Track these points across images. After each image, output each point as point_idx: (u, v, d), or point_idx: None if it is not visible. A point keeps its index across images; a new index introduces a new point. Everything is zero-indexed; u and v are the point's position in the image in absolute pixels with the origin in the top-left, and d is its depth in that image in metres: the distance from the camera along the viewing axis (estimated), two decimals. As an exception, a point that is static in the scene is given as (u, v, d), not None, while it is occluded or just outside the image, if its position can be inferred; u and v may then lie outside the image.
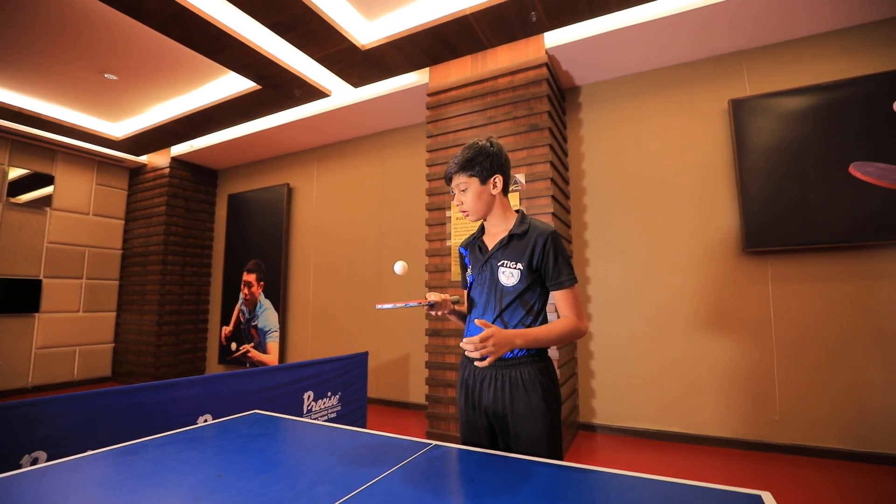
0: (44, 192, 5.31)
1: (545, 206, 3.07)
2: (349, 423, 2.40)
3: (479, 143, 1.29)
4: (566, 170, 3.68)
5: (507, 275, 1.24)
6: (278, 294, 5.28)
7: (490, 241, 1.33)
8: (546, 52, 3.22)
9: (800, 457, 2.80)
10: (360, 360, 3.30)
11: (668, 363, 3.23)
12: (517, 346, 1.12)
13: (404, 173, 4.58)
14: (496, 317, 1.25)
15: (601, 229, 3.56)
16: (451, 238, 3.41)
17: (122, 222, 6.14)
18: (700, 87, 3.33)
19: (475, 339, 1.03)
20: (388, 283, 4.52)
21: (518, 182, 3.18)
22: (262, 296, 5.42)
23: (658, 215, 3.37)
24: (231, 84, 4.22)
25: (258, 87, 4.02)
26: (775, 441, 2.90)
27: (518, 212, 1.33)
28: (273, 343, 5.26)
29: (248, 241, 5.65)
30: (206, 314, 6.09)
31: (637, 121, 3.52)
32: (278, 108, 4.47)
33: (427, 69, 3.72)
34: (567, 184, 3.67)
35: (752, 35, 3.06)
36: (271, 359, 5.24)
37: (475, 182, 1.28)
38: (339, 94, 4.20)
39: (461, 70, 3.54)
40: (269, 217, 5.49)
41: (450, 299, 1.31)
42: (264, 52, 3.45)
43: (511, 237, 1.27)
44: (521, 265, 1.23)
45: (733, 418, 3.02)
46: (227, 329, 5.70)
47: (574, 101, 3.79)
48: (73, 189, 5.62)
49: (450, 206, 3.46)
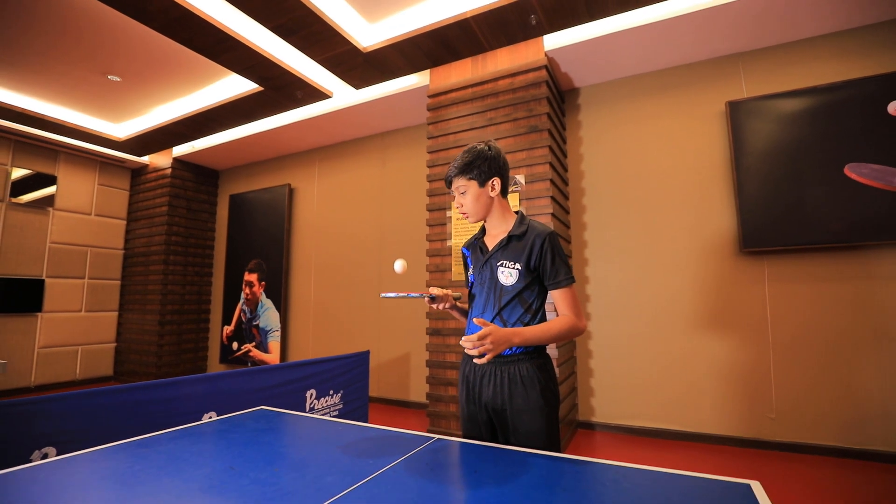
0: (46, 192, 5.34)
1: (545, 207, 3.11)
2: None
3: (477, 147, 1.34)
4: (565, 171, 3.72)
5: (506, 274, 1.28)
6: (280, 294, 5.32)
7: (490, 241, 1.37)
8: (545, 55, 3.26)
9: (796, 454, 2.84)
10: (362, 358, 3.34)
11: (666, 362, 3.27)
12: (514, 343, 1.16)
13: (405, 174, 4.62)
14: (495, 315, 1.29)
15: (600, 230, 3.60)
16: (451, 238, 3.45)
17: (124, 222, 6.18)
18: (698, 89, 3.37)
19: (473, 337, 1.08)
20: (389, 283, 4.55)
21: (518, 183, 3.22)
22: (264, 295, 5.45)
23: (656, 216, 3.41)
24: (233, 85, 4.25)
25: (260, 88, 4.06)
26: (772, 439, 2.94)
27: (517, 213, 1.37)
28: (274, 342, 5.30)
29: (249, 241, 5.69)
30: (207, 314, 6.12)
31: (635, 122, 3.56)
32: (280, 110, 4.51)
33: (428, 71, 3.76)
34: (566, 185, 3.71)
35: (750, 37, 3.10)
36: (273, 358, 5.28)
37: (474, 185, 1.33)
38: (341, 95, 4.24)
39: (461, 72, 3.57)
40: (271, 217, 5.52)
41: (451, 294, 1.35)
42: (267, 55, 3.49)
43: (510, 238, 1.31)
44: (519, 265, 1.27)
45: (730, 416, 3.06)
46: (228, 329, 5.74)
47: (573, 102, 3.83)
48: (75, 189, 5.65)
49: (450, 206, 3.50)
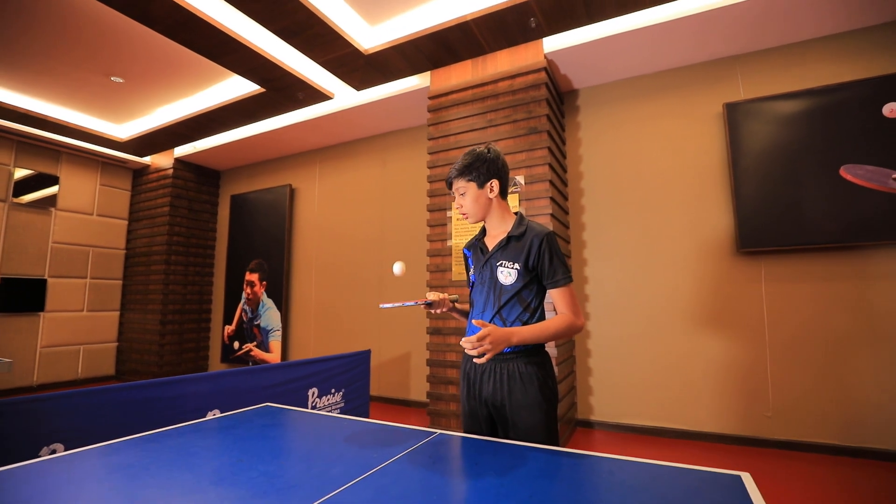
0: (49, 192, 5.37)
1: (544, 208, 3.14)
2: (353, 419, 2.47)
3: (476, 149, 1.38)
4: (564, 172, 3.75)
5: (506, 274, 1.32)
6: (281, 293, 5.35)
7: (491, 242, 1.41)
8: (545, 57, 3.29)
9: (792, 451, 2.88)
10: (363, 357, 3.37)
11: (664, 361, 3.30)
12: (513, 343, 1.20)
13: (405, 174, 4.65)
14: (495, 313, 1.32)
15: (599, 230, 3.64)
16: (452, 238, 3.48)
17: (126, 222, 6.21)
18: (695, 91, 3.40)
19: (473, 338, 1.12)
20: (390, 283, 4.59)
21: (517, 184, 3.25)
22: (265, 295, 5.49)
23: (654, 216, 3.44)
24: (235, 87, 4.28)
25: (262, 89, 4.09)
26: (768, 437, 2.97)
27: (517, 214, 1.41)
28: (275, 342, 5.33)
29: (250, 241, 5.72)
30: (208, 313, 6.16)
31: (634, 123, 3.59)
32: (281, 111, 4.54)
33: (428, 73, 3.79)
34: (565, 185, 3.74)
35: (747, 40, 3.13)
36: (274, 357, 5.31)
37: (473, 186, 1.37)
38: (342, 96, 4.27)
39: (462, 74, 3.61)
40: (272, 217, 5.56)
41: (448, 298, 1.38)
42: (269, 56, 3.52)
43: (509, 239, 1.35)
44: (518, 265, 1.30)
45: (728, 415, 3.09)
46: (229, 328, 5.77)
47: (572, 104, 3.86)
48: (77, 190, 5.68)
49: (450, 206, 3.53)
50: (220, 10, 3.12)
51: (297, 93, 4.11)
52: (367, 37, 3.45)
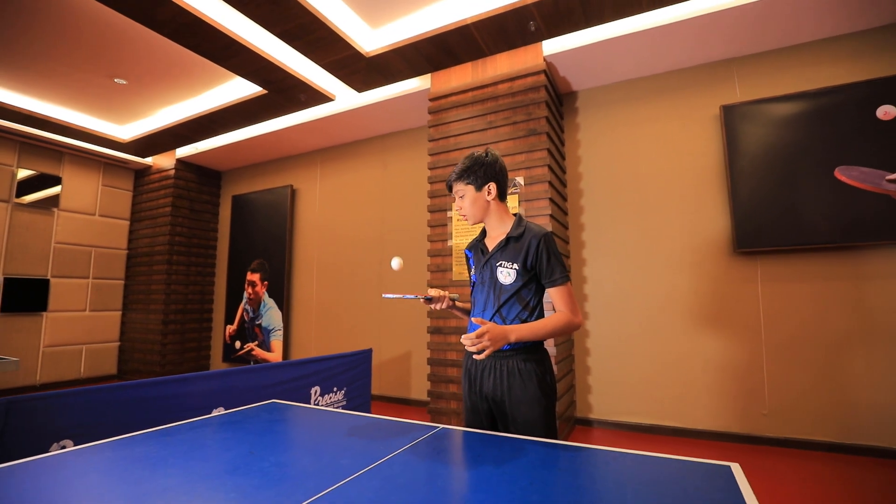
0: (51, 192, 5.40)
1: (543, 209, 3.18)
2: (356, 416, 2.52)
3: (475, 153, 1.44)
4: (563, 173, 3.79)
5: (505, 274, 1.36)
6: (282, 293, 5.39)
7: (491, 243, 1.46)
8: (544, 60, 3.34)
9: (788, 449, 2.92)
10: (365, 356, 3.42)
11: (662, 360, 3.34)
12: (510, 340, 1.25)
13: (406, 175, 4.70)
14: (495, 312, 1.37)
15: (597, 230, 3.68)
16: (452, 238, 3.52)
17: (128, 223, 6.24)
18: (693, 93, 3.45)
19: (472, 335, 1.17)
20: (390, 283, 4.63)
21: (517, 184, 3.29)
22: (266, 295, 5.53)
23: (652, 216, 3.49)
24: (237, 88, 4.33)
25: (264, 91, 4.13)
26: (765, 434, 3.02)
27: (515, 215, 1.46)
28: (277, 341, 5.37)
29: (251, 241, 5.76)
30: (210, 313, 6.20)
31: (632, 125, 3.64)
32: (283, 112, 4.58)
33: (429, 75, 3.83)
34: (564, 186, 3.79)
35: (743, 43, 3.18)
36: (275, 357, 5.35)
37: (471, 189, 1.43)
38: (343, 98, 4.31)
39: (462, 76, 3.65)
40: (273, 218, 5.60)
41: (448, 295, 1.43)
42: (271, 59, 3.56)
43: (508, 240, 1.40)
44: (517, 265, 1.35)
45: (724, 413, 3.14)
46: (231, 328, 5.81)
47: (571, 105, 3.91)
48: (79, 190, 5.72)
49: (450, 207, 3.57)
50: (225, 14, 3.16)
51: (299, 94, 4.15)
52: (369, 40, 3.49)
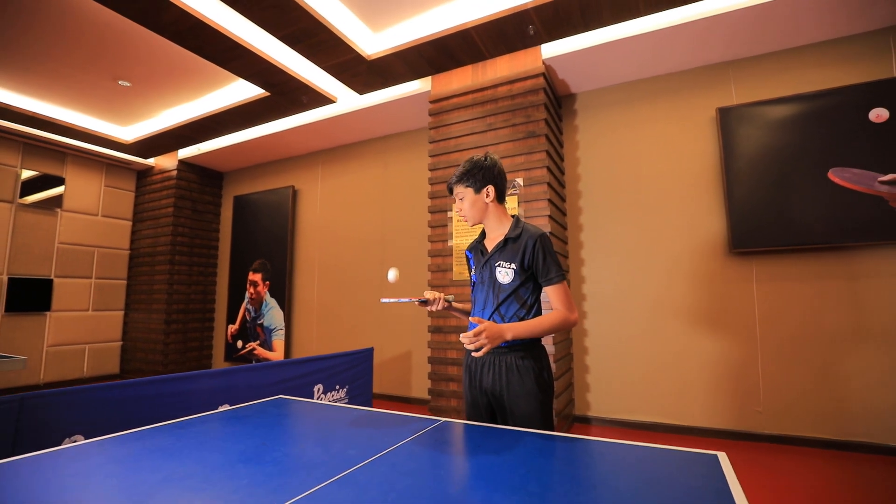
0: (54, 192, 5.44)
1: (542, 209, 3.24)
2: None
3: (475, 158, 1.51)
4: (562, 174, 3.85)
5: (504, 274, 1.42)
6: (283, 293, 5.44)
7: (490, 244, 1.53)
8: (543, 63, 3.39)
9: (782, 445, 2.98)
10: (366, 355, 3.47)
11: (659, 358, 3.40)
12: (507, 338, 1.31)
13: (406, 176, 4.75)
14: (494, 310, 1.43)
15: (596, 231, 3.73)
16: (452, 238, 3.57)
17: (130, 223, 6.29)
18: (689, 96, 3.50)
19: (470, 333, 1.23)
20: (391, 286, 4.67)
21: (517, 185, 3.35)
22: (268, 295, 5.57)
23: (650, 217, 3.54)
24: (240, 90, 4.37)
25: (266, 93, 4.18)
26: (759, 431, 3.07)
27: (513, 217, 1.51)
28: (279, 341, 5.42)
29: (253, 241, 5.81)
30: (212, 313, 6.24)
31: (630, 127, 3.69)
32: (285, 114, 4.63)
33: (429, 77, 3.88)
34: (563, 187, 3.84)
35: (740, 47, 3.23)
36: (277, 356, 5.40)
37: (470, 192, 1.49)
38: (345, 100, 4.36)
39: (462, 79, 3.70)
40: (275, 218, 5.64)
41: (443, 297, 1.48)
42: (274, 62, 3.61)
43: (506, 241, 1.46)
44: (514, 265, 1.41)
45: (721, 410, 3.19)
46: (233, 327, 5.86)
47: (570, 107, 3.96)
48: (82, 191, 5.76)
49: (451, 207, 3.62)
50: (228, 18, 3.21)
51: (301, 97, 4.20)
52: (370, 43, 3.54)
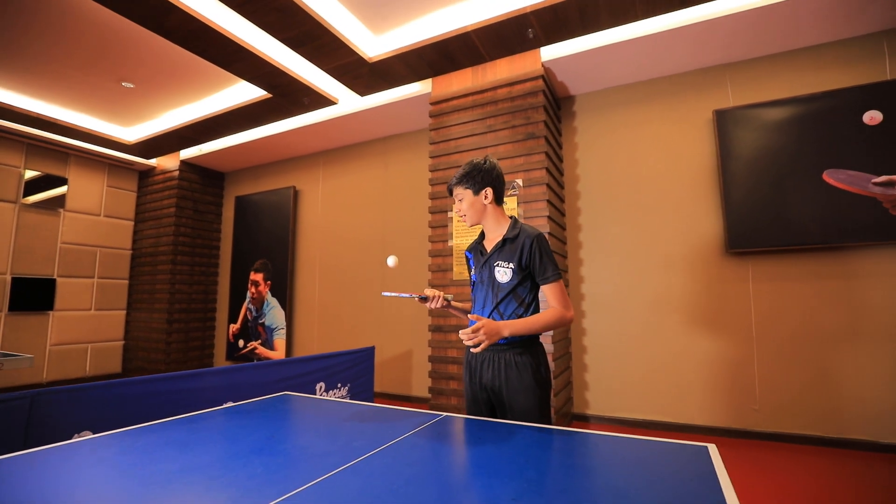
0: (57, 193, 5.49)
1: (541, 210, 3.28)
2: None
3: (474, 160, 1.56)
4: (561, 175, 3.89)
5: (502, 273, 1.47)
6: (285, 293, 5.48)
7: (489, 244, 1.58)
8: (542, 65, 3.43)
9: (778, 443, 3.02)
10: (368, 353, 3.51)
11: (656, 357, 3.44)
12: (504, 335, 1.35)
13: (407, 177, 4.79)
14: (493, 309, 1.48)
15: (594, 231, 3.78)
16: (452, 238, 3.61)
17: (132, 223, 6.33)
18: (687, 98, 3.55)
19: (468, 330, 1.28)
20: (391, 282, 4.72)
21: (516, 186, 3.39)
22: (269, 294, 5.62)
23: (648, 218, 3.58)
24: (242, 92, 4.42)
25: (268, 95, 4.23)
26: (756, 429, 3.11)
27: (511, 218, 1.56)
28: (280, 340, 5.46)
29: (255, 241, 5.85)
30: (213, 312, 6.28)
31: (628, 129, 3.74)
32: (287, 115, 4.68)
33: (430, 80, 3.93)
34: (562, 188, 3.88)
35: (736, 50, 3.28)
36: (278, 355, 5.44)
37: (469, 193, 1.54)
38: (346, 101, 4.41)
39: (462, 81, 3.75)
40: (276, 219, 5.69)
41: (442, 295, 1.53)
42: (276, 64, 3.65)
43: (505, 241, 1.51)
44: (512, 264, 1.46)
45: (717, 408, 3.24)
46: (234, 327, 5.90)
47: (569, 109, 4.00)
48: (85, 191, 5.80)
49: (451, 208, 3.67)
50: (232, 21, 3.25)
51: (303, 98, 4.24)
52: (372, 46, 3.59)
